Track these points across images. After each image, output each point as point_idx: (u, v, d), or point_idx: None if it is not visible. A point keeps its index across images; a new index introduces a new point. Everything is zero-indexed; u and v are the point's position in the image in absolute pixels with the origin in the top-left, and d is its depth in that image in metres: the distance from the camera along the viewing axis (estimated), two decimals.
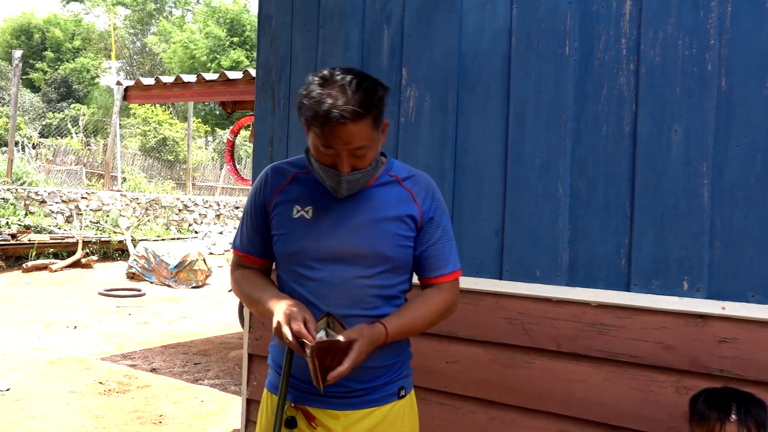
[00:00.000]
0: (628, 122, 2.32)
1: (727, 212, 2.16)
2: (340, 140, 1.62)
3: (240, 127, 6.49)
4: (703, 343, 2.17)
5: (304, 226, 1.77)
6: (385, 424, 1.82)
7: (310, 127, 1.66)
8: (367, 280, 1.75)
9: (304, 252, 1.76)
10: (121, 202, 15.25)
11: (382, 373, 1.82)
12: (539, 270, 2.46)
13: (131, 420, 4.59)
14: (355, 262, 1.75)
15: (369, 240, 1.75)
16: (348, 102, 1.59)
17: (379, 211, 1.78)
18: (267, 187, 1.85)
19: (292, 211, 1.79)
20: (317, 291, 1.75)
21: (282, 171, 1.86)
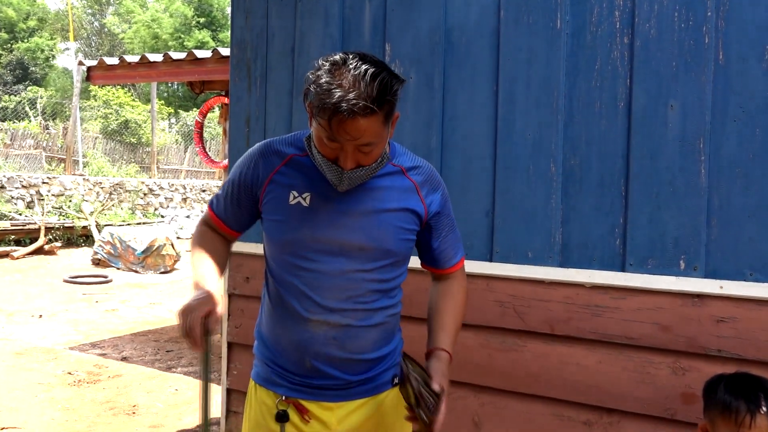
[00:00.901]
0: (623, 98, 2.25)
1: (724, 189, 2.11)
2: (347, 135, 1.48)
3: (209, 108, 6.30)
4: (700, 323, 2.13)
5: (301, 214, 1.65)
6: (380, 414, 1.77)
7: (315, 117, 1.50)
8: (366, 274, 1.67)
9: (300, 242, 1.66)
10: (84, 187, 14.89)
11: (376, 364, 1.76)
12: (531, 251, 2.39)
13: (103, 411, 4.45)
14: (355, 255, 1.66)
15: (371, 234, 1.66)
16: (360, 96, 1.43)
17: (382, 202, 1.67)
18: (259, 165, 1.70)
19: (288, 196, 1.66)
20: (312, 283, 1.66)
21: (277, 150, 1.71)
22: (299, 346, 1.70)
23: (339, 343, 1.68)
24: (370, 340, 1.72)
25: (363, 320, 1.69)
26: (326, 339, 1.68)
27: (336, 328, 1.67)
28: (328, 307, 1.66)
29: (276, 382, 1.76)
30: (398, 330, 1.84)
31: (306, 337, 1.68)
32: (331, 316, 1.67)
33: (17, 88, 26.48)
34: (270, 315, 1.76)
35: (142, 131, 22.86)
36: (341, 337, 1.68)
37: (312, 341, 1.68)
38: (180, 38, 30.20)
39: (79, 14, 35.93)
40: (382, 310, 1.72)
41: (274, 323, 1.75)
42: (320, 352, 1.69)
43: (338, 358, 1.70)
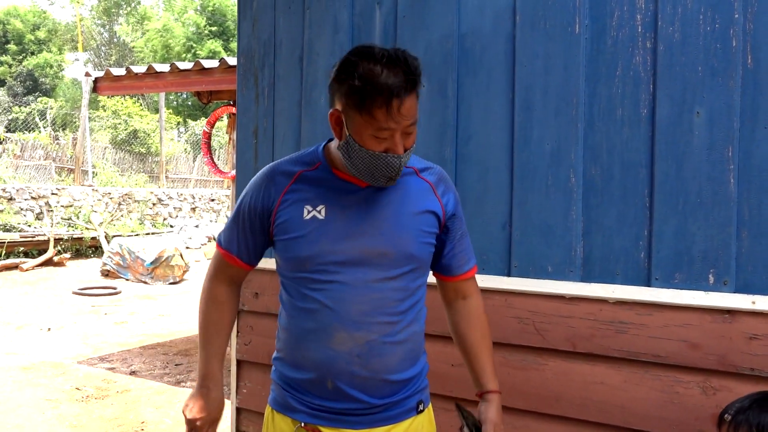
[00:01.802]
0: (646, 105, 2.15)
1: (755, 199, 2.01)
2: (402, 116, 1.47)
3: (216, 119, 6.25)
4: (731, 340, 2.03)
5: (318, 227, 1.59)
6: None
7: (362, 112, 1.47)
8: (389, 282, 1.61)
9: (319, 256, 1.58)
10: (93, 197, 14.88)
11: (401, 387, 1.68)
12: (551, 265, 2.30)
13: (111, 428, 4.37)
14: (378, 263, 1.59)
15: (392, 238, 1.59)
16: (406, 73, 1.46)
17: (400, 205, 1.62)
18: (269, 188, 1.66)
19: (302, 212, 1.60)
20: (335, 296, 1.58)
21: (284, 170, 1.67)
22: (321, 366, 1.62)
23: (363, 361, 1.61)
24: (394, 359, 1.64)
25: (388, 335, 1.61)
26: (350, 357, 1.60)
27: (360, 344, 1.60)
28: (353, 320, 1.59)
29: (294, 408, 1.68)
30: (423, 353, 1.76)
31: (329, 355, 1.61)
32: (355, 331, 1.59)
33: (27, 99, 26.59)
34: (289, 337, 1.69)
35: (151, 141, 22.89)
36: (365, 354, 1.60)
37: (335, 360, 1.61)
38: (192, 47, 30.30)
39: (88, 25, 36.12)
40: (407, 326, 1.64)
41: (294, 345, 1.68)
42: (343, 371, 1.61)
43: (361, 377, 1.62)
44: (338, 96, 1.51)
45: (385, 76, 1.44)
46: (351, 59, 1.49)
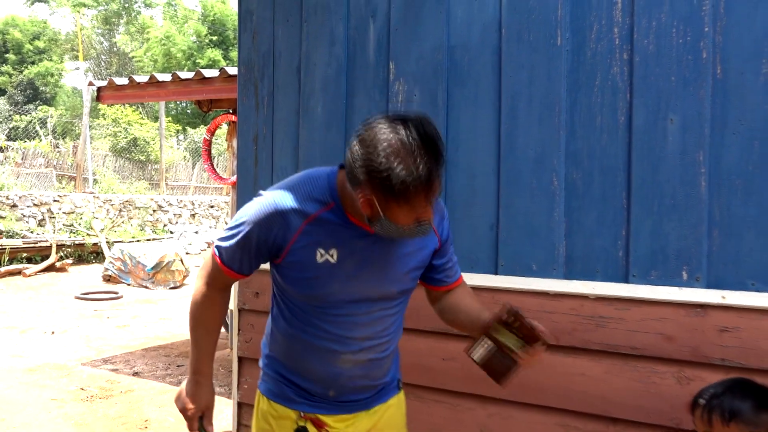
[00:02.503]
0: (623, 112, 2.29)
1: (725, 201, 2.14)
2: (434, 196, 1.52)
3: (216, 126, 6.38)
4: (703, 333, 2.16)
5: (329, 270, 1.67)
6: (389, 413, 1.92)
7: (398, 203, 1.47)
8: (390, 310, 1.79)
9: (330, 296, 1.71)
10: (94, 204, 15.01)
11: (388, 383, 1.92)
12: (536, 264, 2.43)
13: (116, 426, 4.49)
14: (380, 299, 1.76)
15: (393, 281, 1.75)
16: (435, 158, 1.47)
17: (404, 246, 1.74)
18: (282, 228, 1.66)
19: (315, 254, 1.66)
20: (341, 326, 1.74)
21: (297, 209, 1.65)
22: (325, 380, 1.80)
23: (364, 372, 1.81)
24: (387, 367, 1.88)
25: (384, 351, 1.83)
26: (352, 372, 1.79)
27: (362, 363, 1.79)
28: (357, 346, 1.76)
29: (292, 399, 1.83)
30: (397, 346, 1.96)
31: (333, 372, 1.78)
32: (358, 354, 1.77)
33: (28, 107, 26.74)
34: (287, 346, 1.83)
35: (151, 148, 23.03)
36: (366, 368, 1.80)
37: (339, 376, 1.79)
38: (192, 55, 30.47)
39: (88, 34, 36.31)
40: (395, 337, 1.87)
41: (293, 355, 1.82)
42: (346, 385, 1.80)
43: (362, 387, 1.83)
44: (370, 188, 1.49)
45: (419, 171, 1.43)
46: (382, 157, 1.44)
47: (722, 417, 1.66)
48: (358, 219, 1.66)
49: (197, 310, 1.82)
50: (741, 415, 1.65)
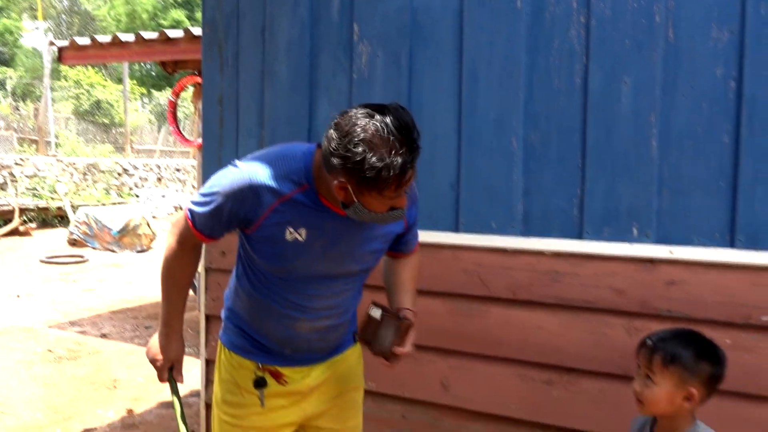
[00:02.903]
0: (579, 75, 2.36)
1: (674, 161, 2.24)
2: (407, 185, 1.56)
3: (182, 88, 6.32)
4: (652, 286, 2.27)
5: (297, 248, 1.72)
6: (346, 363, 2.02)
7: (373, 192, 1.52)
8: (350, 285, 1.87)
9: (296, 270, 1.77)
10: (58, 168, 14.78)
11: (343, 338, 2.00)
12: (495, 222, 2.51)
13: (84, 386, 4.54)
14: (344, 277, 1.83)
15: (358, 261, 1.82)
16: (411, 148, 1.51)
17: (370, 229, 1.78)
18: (254, 204, 1.68)
19: (284, 232, 1.70)
20: (302, 297, 1.81)
21: (270, 188, 1.67)
22: (282, 341, 1.88)
23: (320, 337, 1.89)
24: (344, 330, 1.96)
25: (342, 317, 1.91)
26: (309, 335, 1.87)
27: (319, 329, 1.87)
28: (315, 314, 1.84)
29: (252, 352, 1.91)
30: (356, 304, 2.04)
31: (290, 334, 1.86)
32: (316, 322, 1.85)
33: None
34: (249, 305, 1.89)
35: (115, 111, 22.64)
36: (323, 333, 1.89)
37: (296, 338, 1.86)
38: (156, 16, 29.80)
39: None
40: (353, 305, 1.97)
41: (254, 314, 1.89)
42: (302, 346, 1.88)
43: (317, 348, 1.91)
44: (345, 175, 1.52)
45: (393, 160, 1.46)
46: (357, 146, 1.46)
47: (663, 359, 1.75)
48: (330, 202, 1.69)
49: (169, 266, 1.87)
50: (681, 360, 1.74)
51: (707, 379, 1.74)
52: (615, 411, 2.31)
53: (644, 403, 1.77)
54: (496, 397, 2.54)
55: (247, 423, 1.92)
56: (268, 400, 1.90)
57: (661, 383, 1.74)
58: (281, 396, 1.91)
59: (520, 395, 2.50)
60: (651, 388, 1.74)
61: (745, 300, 2.14)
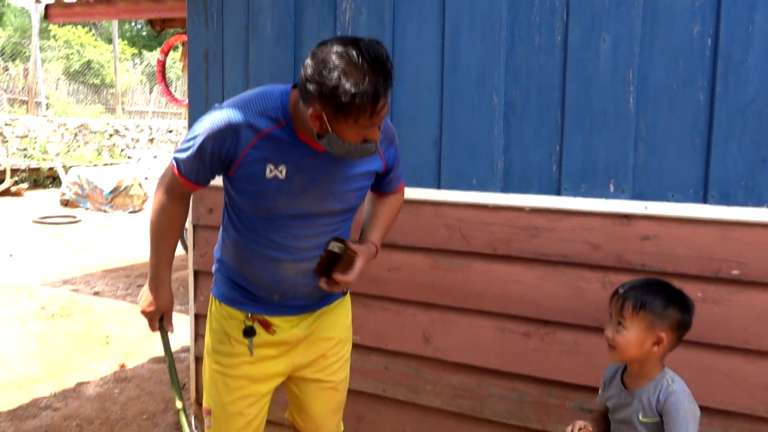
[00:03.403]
0: (560, 32, 2.38)
1: (651, 117, 2.27)
2: (381, 115, 1.60)
3: (170, 47, 6.29)
4: (627, 240, 2.33)
5: (278, 186, 1.76)
6: (334, 315, 2.07)
7: (347, 119, 1.56)
8: (333, 225, 1.89)
9: (277, 209, 1.81)
10: (48, 128, 14.72)
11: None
12: (476, 178, 2.56)
13: (78, 342, 4.62)
14: (325, 215, 1.86)
15: (339, 198, 1.85)
16: (383, 77, 1.55)
17: (349, 167, 1.82)
18: (234, 142, 1.73)
19: (264, 170, 1.74)
20: (285, 237, 1.84)
21: (249, 124, 1.73)
22: (269, 285, 1.91)
23: (306, 282, 1.91)
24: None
25: None
26: (295, 279, 1.89)
27: (304, 271, 1.89)
28: (299, 256, 1.87)
29: (241, 302, 1.96)
30: None
31: (277, 278, 1.89)
32: (300, 263, 1.88)
33: None
34: (236, 252, 1.93)
35: (106, 72, 22.42)
36: (308, 277, 1.90)
37: (282, 282, 1.90)
38: None
39: None
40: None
41: (241, 261, 1.93)
42: (288, 290, 1.91)
43: (303, 293, 1.94)
44: (320, 103, 1.56)
45: (366, 87, 1.51)
46: (331, 72, 1.51)
47: (634, 306, 1.82)
48: (308, 137, 1.73)
49: (157, 218, 1.91)
50: (650, 306, 1.82)
51: (675, 325, 1.82)
52: (589, 361, 2.39)
53: (616, 349, 1.84)
54: (475, 349, 2.61)
55: (236, 372, 1.97)
56: (256, 350, 1.95)
57: (631, 328, 1.81)
58: (270, 346, 1.96)
59: (498, 347, 2.57)
60: (622, 334, 1.82)
61: (716, 254, 2.20)
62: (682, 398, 1.80)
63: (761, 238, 2.15)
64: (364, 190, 1.94)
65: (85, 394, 3.78)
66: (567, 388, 2.48)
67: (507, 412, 2.59)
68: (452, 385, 2.68)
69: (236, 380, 1.98)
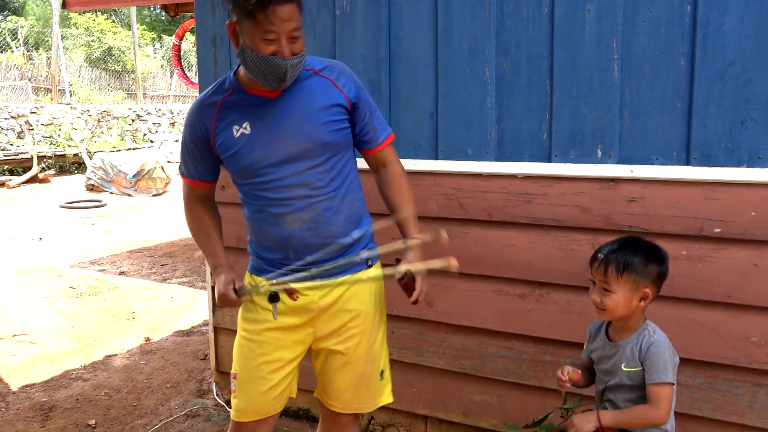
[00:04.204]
0: (546, 4, 2.47)
1: (635, 84, 2.36)
2: (282, 20, 1.75)
3: (185, 31, 6.44)
4: (614, 203, 2.43)
5: (247, 141, 1.93)
6: (356, 287, 2.10)
7: (249, 18, 1.75)
8: (316, 168, 1.96)
9: (255, 163, 1.94)
10: (72, 115, 15.00)
11: (350, 247, 2.06)
12: (470, 148, 2.67)
13: (105, 318, 4.83)
14: (303, 156, 1.95)
15: (309, 134, 1.94)
16: None
17: (309, 104, 1.95)
18: (201, 121, 1.99)
19: (232, 132, 1.95)
20: (276, 190, 1.96)
21: (209, 102, 1.99)
22: (281, 243, 2.02)
23: (314, 231, 1.99)
24: (339, 225, 2.02)
25: (327, 208, 1.99)
26: (302, 231, 1.99)
27: (307, 220, 1.98)
28: (295, 205, 1.97)
29: (266, 270, 2.07)
30: (366, 218, 2.13)
31: (285, 234, 2.00)
32: (301, 213, 1.97)
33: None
34: (251, 222, 2.08)
35: (127, 58, 22.69)
36: (314, 226, 1.99)
37: (291, 236, 2.00)
38: None
39: None
40: (339, 195, 2.01)
41: (256, 228, 2.08)
42: (300, 243, 2.00)
43: (315, 244, 2.00)
44: (232, 9, 1.81)
45: None
46: None
47: (617, 269, 1.93)
48: (257, 88, 1.93)
49: (189, 223, 2.15)
50: (632, 267, 1.92)
51: (656, 278, 1.93)
52: (581, 319, 2.51)
53: (606, 311, 1.95)
54: (474, 312, 2.75)
55: (261, 337, 2.08)
56: (281, 317, 2.04)
57: (618, 291, 1.92)
58: (294, 314, 2.05)
59: (496, 309, 2.70)
60: (610, 297, 1.92)
61: (699, 213, 2.30)
62: (663, 348, 1.91)
63: (741, 197, 2.24)
64: (337, 125, 1.99)
65: (113, 366, 3.98)
66: (561, 345, 2.60)
67: (505, 370, 2.72)
68: (454, 346, 2.82)
69: (261, 345, 2.08)
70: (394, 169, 2.15)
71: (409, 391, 2.96)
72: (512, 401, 2.75)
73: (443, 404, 2.90)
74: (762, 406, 2.29)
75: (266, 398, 2.11)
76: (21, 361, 4.04)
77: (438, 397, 2.91)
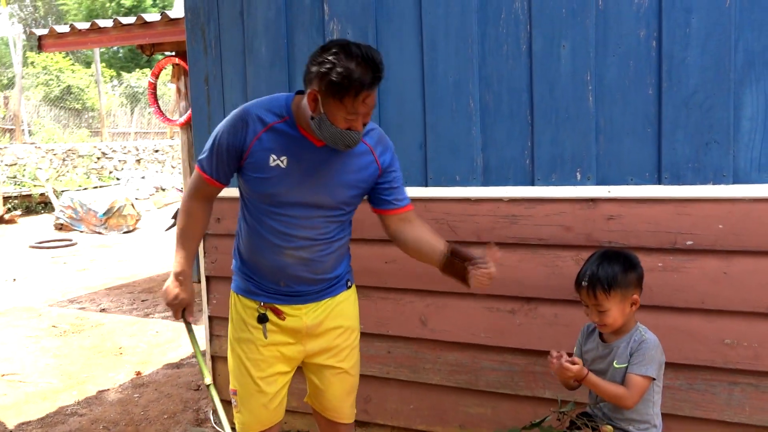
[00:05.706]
0: (524, 41, 2.69)
1: (608, 112, 2.59)
2: (365, 105, 1.90)
3: (160, 69, 6.55)
4: (594, 221, 2.64)
5: (279, 174, 2.06)
6: (340, 306, 2.31)
7: (335, 98, 1.86)
8: (326, 218, 2.15)
9: (278, 196, 2.09)
10: (36, 155, 14.89)
11: (334, 280, 2.29)
12: (458, 175, 2.86)
13: (92, 354, 4.87)
14: (320, 206, 2.12)
15: (333, 194, 2.11)
16: (376, 71, 1.88)
17: (344, 165, 2.10)
18: (244, 131, 2.05)
19: (268, 159, 2.05)
20: (286, 224, 2.12)
21: (258, 117, 2.06)
22: (275, 271, 2.19)
23: (308, 268, 2.19)
24: (330, 265, 2.24)
25: (323, 251, 2.19)
26: (297, 265, 2.17)
27: (304, 259, 2.17)
28: (297, 243, 2.14)
29: (255, 293, 2.24)
30: (347, 255, 2.35)
31: (281, 264, 2.17)
32: (299, 251, 2.15)
33: None
34: (249, 243, 2.23)
35: (87, 96, 22.56)
36: (309, 263, 2.18)
37: (286, 267, 2.17)
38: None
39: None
40: (337, 241, 2.22)
41: (252, 250, 2.22)
42: (293, 275, 2.19)
43: (306, 279, 2.20)
44: (317, 81, 1.88)
45: (357, 73, 1.83)
46: (330, 56, 1.85)
47: (603, 290, 2.11)
48: (308, 133, 2.04)
49: (182, 218, 2.24)
50: (616, 282, 2.11)
51: (637, 282, 2.15)
52: (568, 330, 2.69)
53: (606, 326, 2.14)
54: (467, 328, 2.91)
55: (255, 356, 2.26)
56: (271, 335, 2.23)
57: (611, 306, 2.11)
58: (283, 333, 2.24)
59: (487, 325, 2.88)
60: (606, 314, 2.11)
61: (671, 228, 2.52)
62: (651, 345, 2.12)
63: (709, 212, 2.46)
64: (360, 191, 2.17)
65: (107, 400, 4.03)
66: None
67: (499, 382, 2.89)
68: (449, 362, 2.98)
69: (255, 363, 2.26)
70: (423, 222, 2.32)
71: (407, 407, 3.10)
72: (506, 411, 2.91)
73: (440, 419, 3.04)
74: (738, 403, 2.50)
75: (267, 409, 2.30)
76: (13, 399, 4.06)
77: (435, 412, 3.06)
